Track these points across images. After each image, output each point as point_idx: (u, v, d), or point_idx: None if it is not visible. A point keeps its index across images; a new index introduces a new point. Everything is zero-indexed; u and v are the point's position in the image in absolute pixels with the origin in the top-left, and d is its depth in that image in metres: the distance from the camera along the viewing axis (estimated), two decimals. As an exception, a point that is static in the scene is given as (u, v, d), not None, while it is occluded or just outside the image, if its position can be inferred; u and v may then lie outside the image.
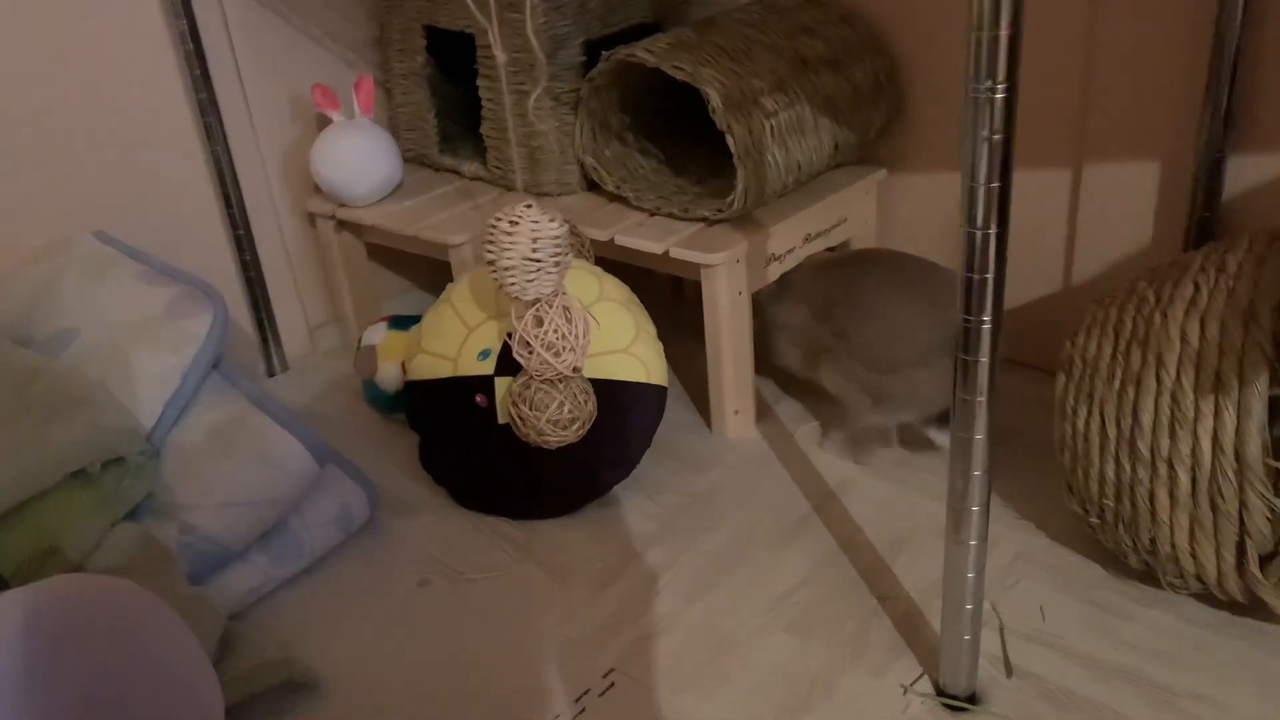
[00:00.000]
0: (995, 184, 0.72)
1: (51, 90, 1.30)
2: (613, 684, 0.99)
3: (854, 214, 1.41)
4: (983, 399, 0.80)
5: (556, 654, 1.04)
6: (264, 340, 1.57)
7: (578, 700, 0.98)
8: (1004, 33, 0.68)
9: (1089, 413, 0.99)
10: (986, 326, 0.77)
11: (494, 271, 1.09)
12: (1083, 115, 1.25)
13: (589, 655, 1.03)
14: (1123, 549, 1.00)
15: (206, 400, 1.16)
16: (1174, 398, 0.91)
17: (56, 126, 1.32)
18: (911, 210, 1.46)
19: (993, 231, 0.74)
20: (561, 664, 1.02)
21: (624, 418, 1.23)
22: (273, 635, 1.07)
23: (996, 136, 0.71)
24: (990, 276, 0.76)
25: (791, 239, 1.33)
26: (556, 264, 1.07)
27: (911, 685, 0.96)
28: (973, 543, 0.86)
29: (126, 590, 0.70)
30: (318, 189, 1.52)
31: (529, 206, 1.06)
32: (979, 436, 0.82)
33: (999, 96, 0.70)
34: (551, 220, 1.06)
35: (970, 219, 0.74)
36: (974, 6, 0.68)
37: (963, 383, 0.80)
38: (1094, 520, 1.01)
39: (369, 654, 1.06)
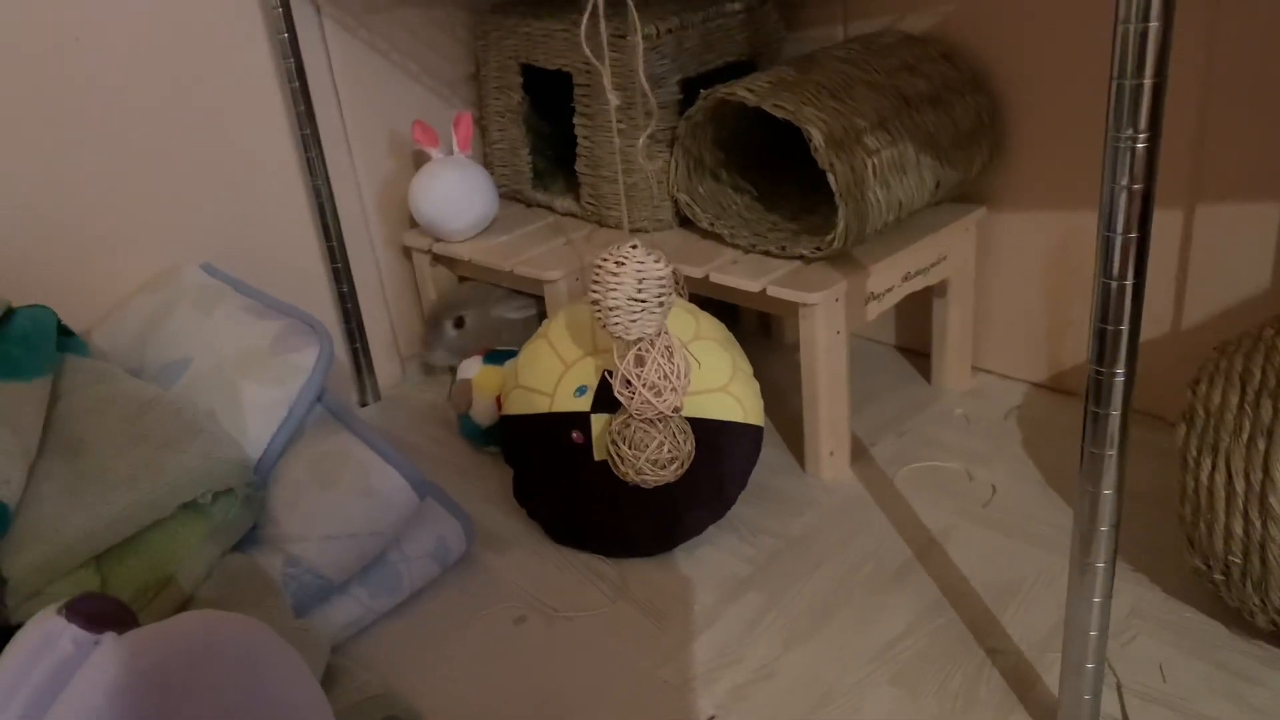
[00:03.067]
0: (1133, 235, 0.70)
1: (164, 124, 1.34)
2: (714, 731, 0.98)
3: (954, 252, 1.39)
4: (1113, 453, 0.78)
5: (655, 697, 1.03)
6: (358, 370, 1.60)
7: (680, 747, 0.97)
8: (1148, 82, 0.66)
9: (1213, 465, 0.95)
10: (1120, 379, 0.75)
11: (598, 311, 1.09)
12: (1197, 150, 1.22)
13: (689, 700, 1.02)
14: (1249, 608, 0.96)
15: (311, 433, 1.18)
16: (1310, 453, 0.87)
17: (167, 160, 1.36)
18: (1012, 248, 1.43)
19: (1129, 283, 0.72)
20: (661, 708, 1.01)
21: (720, 457, 1.22)
22: (373, 669, 1.08)
23: (1136, 186, 0.69)
24: (1125, 328, 0.73)
25: (891, 277, 1.31)
26: (660, 304, 1.07)
27: (1026, 744, 0.93)
28: (1097, 600, 0.83)
29: (253, 629, 0.71)
30: (414, 223, 1.55)
31: (634, 247, 1.06)
32: (1107, 491, 0.79)
33: (1140, 146, 0.68)
34: (657, 261, 1.06)
35: (1106, 269, 0.72)
36: (1116, 54, 0.66)
37: (1092, 436, 0.78)
38: (1218, 577, 0.97)
39: (467, 690, 1.06)
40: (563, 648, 1.10)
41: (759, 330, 1.71)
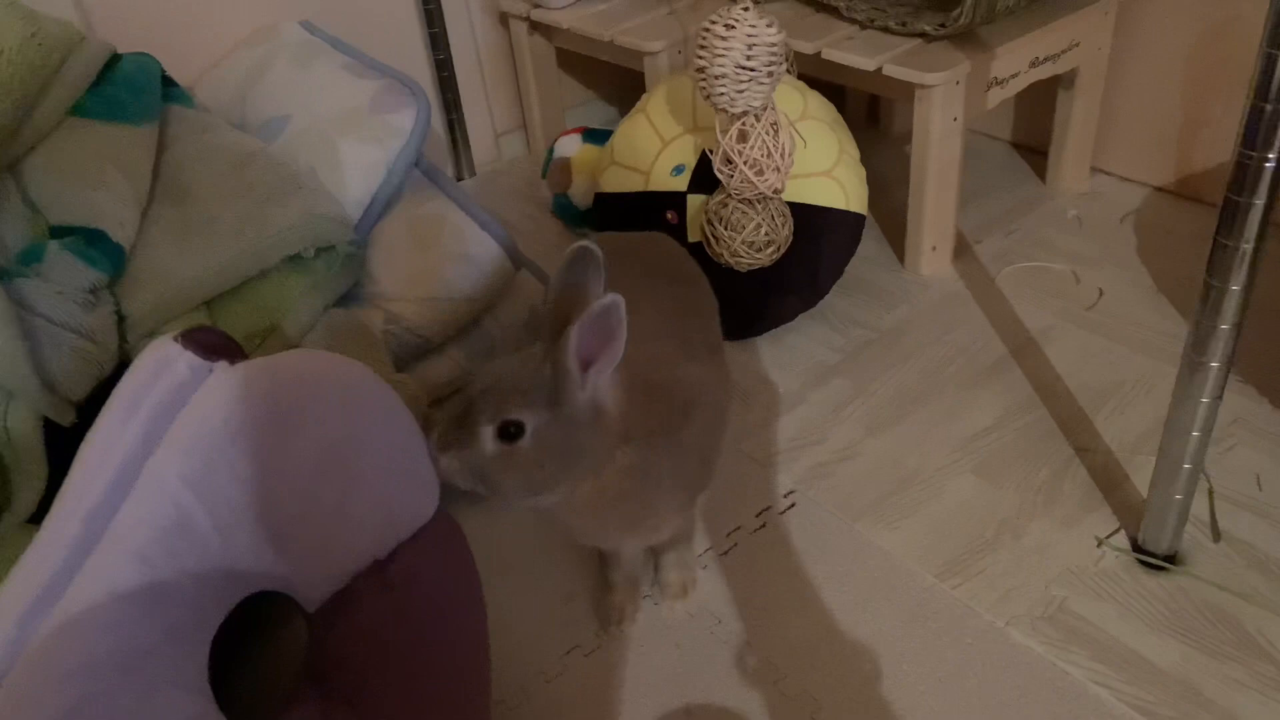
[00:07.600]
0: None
1: None
2: (793, 504, 1.00)
3: (1089, 37, 1.28)
4: (1248, 246, 0.73)
5: (737, 471, 1.05)
6: (454, 143, 1.58)
7: (758, 515, 0.99)
8: None
9: (1351, 273, 0.89)
10: (1270, 166, 0.69)
11: (702, 80, 1.04)
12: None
13: (769, 475, 1.04)
14: (1364, 423, 0.92)
15: (409, 197, 1.18)
16: None
17: (265, -91, 1.31)
18: (1154, 36, 1.31)
19: (1300, 54, 0.65)
20: (742, 481, 1.04)
21: (817, 245, 1.19)
22: (466, 426, 1.12)
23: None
24: (1286, 107, 0.67)
25: (1017, 62, 1.22)
26: (770, 74, 1.02)
27: (1107, 538, 0.93)
28: (1204, 400, 0.81)
29: (357, 369, 0.73)
30: (513, -13, 1.49)
31: (746, 9, 1.00)
32: (1235, 287, 0.75)
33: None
34: (769, 25, 1.00)
35: (1274, 38, 0.65)
36: None
37: (1229, 226, 0.73)
38: (1334, 390, 0.93)
39: (555, 452, 1.10)
40: (649, 419, 1.13)
41: (866, 118, 1.63)
